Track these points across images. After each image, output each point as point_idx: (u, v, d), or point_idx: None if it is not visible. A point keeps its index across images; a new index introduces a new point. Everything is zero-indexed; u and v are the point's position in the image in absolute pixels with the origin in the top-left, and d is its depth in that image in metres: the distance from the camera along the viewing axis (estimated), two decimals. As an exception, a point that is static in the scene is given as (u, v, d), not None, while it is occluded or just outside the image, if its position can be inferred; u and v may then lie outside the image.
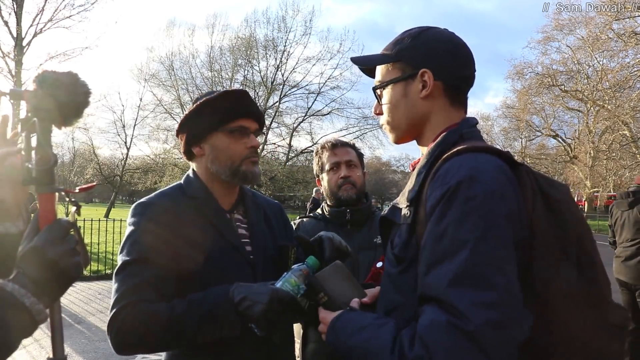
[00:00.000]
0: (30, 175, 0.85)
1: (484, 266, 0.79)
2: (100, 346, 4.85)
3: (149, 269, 1.26)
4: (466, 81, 1.09)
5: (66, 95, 0.85)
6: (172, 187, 1.48)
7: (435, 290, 0.82)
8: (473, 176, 0.85)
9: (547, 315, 0.83)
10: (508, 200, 0.85)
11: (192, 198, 1.42)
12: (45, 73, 0.85)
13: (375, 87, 1.14)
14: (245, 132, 1.42)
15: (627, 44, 22.46)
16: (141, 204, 1.39)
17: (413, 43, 1.08)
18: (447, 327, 0.77)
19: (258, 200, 1.59)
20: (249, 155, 1.42)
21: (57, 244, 0.83)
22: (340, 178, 1.99)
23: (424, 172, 0.98)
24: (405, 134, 1.12)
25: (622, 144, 25.93)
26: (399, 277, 0.98)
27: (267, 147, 28.92)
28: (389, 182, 59.00)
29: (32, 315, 0.78)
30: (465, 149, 0.92)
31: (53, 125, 0.87)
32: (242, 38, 28.27)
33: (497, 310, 0.76)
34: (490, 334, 0.75)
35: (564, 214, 0.90)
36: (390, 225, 1.07)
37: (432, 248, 0.85)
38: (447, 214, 0.84)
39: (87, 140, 29.84)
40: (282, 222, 1.62)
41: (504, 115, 35.86)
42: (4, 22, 18.02)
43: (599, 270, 0.90)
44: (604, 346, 0.86)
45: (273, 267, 1.43)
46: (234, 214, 1.48)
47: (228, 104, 1.40)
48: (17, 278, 0.79)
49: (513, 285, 0.80)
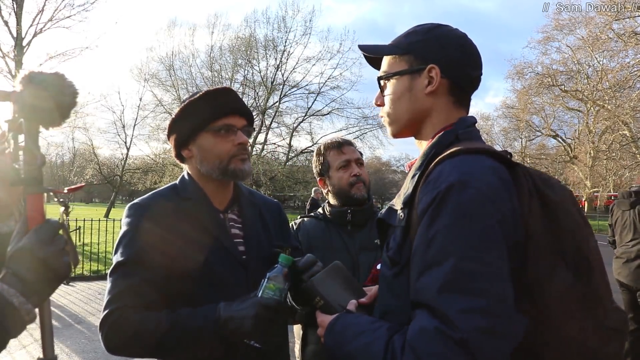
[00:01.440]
0: (18, 176, 0.85)
1: (474, 272, 0.78)
2: (100, 346, 4.78)
3: (142, 270, 1.27)
4: (472, 82, 1.08)
5: (53, 96, 0.85)
6: (166, 187, 1.49)
7: (425, 296, 0.81)
8: (464, 180, 0.84)
9: (541, 317, 0.82)
10: (500, 204, 0.84)
11: (186, 199, 1.42)
12: (32, 74, 0.85)
13: (381, 77, 1.13)
14: (231, 129, 1.40)
15: (627, 44, 22.44)
16: (135, 204, 1.40)
17: (424, 37, 1.07)
18: (435, 334, 0.76)
19: (255, 199, 1.58)
20: (237, 152, 1.40)
21: (46, 243, 0.83)
22: (352, 176, 1.96)
23: (417, 174, 0.97)
24: (404, 128, 1.11)
25: (622, 144, 25.90)
26: (394, 280, 0.97)
27: (267, 147, 28.94)
28: (389, 182, 58.99)
29: (20, 315, 0.78)
30: (458, 151, 0.91)
31: (40, 125, 0.86)
32: (242, 38, 28.26)
33: (487, 317, 0.76)
34: (479, 341, 0.75)
35: (561, 215, 0.89)
36: (387, 227, 1.06)
37: (423, 253, 0.85)
38: (436, 219, 0.84)
39: (87, 140, 29.91)
40: (278, 222, 1.60)
41: (504, 115, 35.87)
42: (4, 22, 18.00)
43: (597, 272, 0.89)
44: (599, 349, 0.85)
45: (267, 268, 1.42)
46: (228, 214, 1.47)
47: (211, 104, 1.39)
48: (6, 278, 0.79)
49: (504, 291, 0.79)
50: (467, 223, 0.81)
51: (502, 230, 0.83)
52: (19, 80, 0.85)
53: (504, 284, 0.80)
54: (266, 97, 27.88)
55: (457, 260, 0.79)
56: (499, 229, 0.82)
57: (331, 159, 2.02)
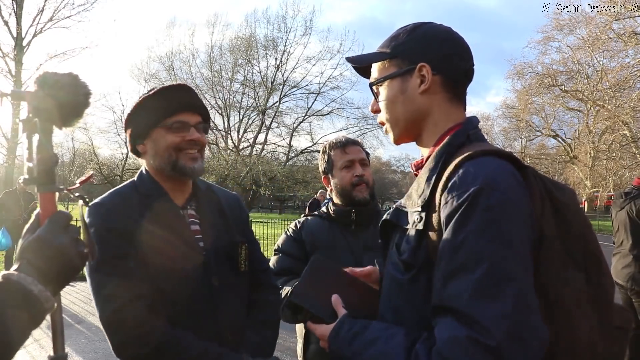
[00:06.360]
0: (31, 175, 0.86)
1: (507, 279, 0.77)
2: (100, 346, 4.84)
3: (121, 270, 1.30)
4: (465, 74, 1.07)
5: (67, 96, 0.86)
6: (125, 184, 1.50)
7: (454, 302, 0.79)
8: (490, 184, 0.83)
9: (554, 318, 0.82)
10: (523, 207, 0.84)
11: (146, 196, 1.43)
12: (46, 74, 0.86)
13: (372, 83, 1.11)
14: (184, 126, 1.41)
15: (627, 44, 22.44)
16: (94, 204, 1.41)
17: (409, 38, 1.06)
18: (468, 343, 0.75)
19: (214, 194, 1.59)
20: (185, 147, 1.41)
21: (60, 232, 0.84)
22: (354, 176, 1.95)
23: (434, 177, 0.95)
24: (404, 132, 1.10)
25: (622, 144, 25.88)
26: (409, 285, 0.95)
27: (267, 147, 28.94)
28: (389, 182, 59.01)
29: (41, 303, 0.77)
30: (476, 153, 0.90)
31: (54, 125, 0.87)
32: (242, 38, 28.32)
33: (519, 324, 0.75)
34: (512, 348, 0.74)
35: (570, 217, 0.89)
36: (393, 228, 1.05)
37: (450, 259, 0.82)
38: (466, 223, 0.82)
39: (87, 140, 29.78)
40: (238, 215, 1.61)
41: (504, 115, 35.88)
42: (4, 22, 18.01)
43: (605, 273, 0.90)
44: (606, 348, 0.86)
45: (228, 263, 1.45)
46: (187, 210, 1.48)
47: (165, 100, 1.41)
48: (22, 267, 0.79)
49: (533, 297, 0.79)
50: (496, 228, 0.80)
51: (527, 234, 0.82)
52: (34, 80, 0.86)
53: (532, 290, 0.79)
54: (266, 97, 27.90)
55: (489, 265, 0.78)
56: (525, 233, 0.82)
57: (335, 157, 2.01)
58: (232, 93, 29.09)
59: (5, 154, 18.57)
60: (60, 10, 19.29)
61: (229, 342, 1.40)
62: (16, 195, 8.69)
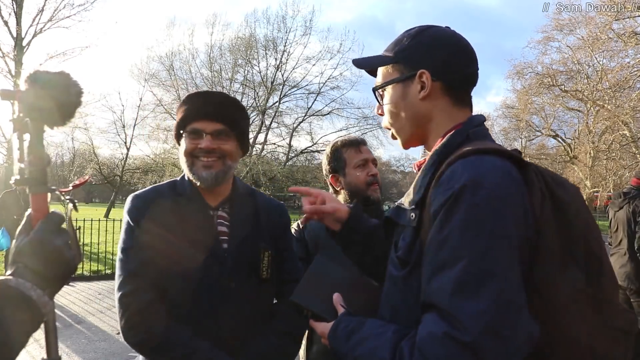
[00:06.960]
0: (23, 175, 0.85)
1: (487, 275, 0.78)
2: (100, 346, 4.83)
3: (140, 257, 1.39)
4: (468, 79, 1.07)
5: (59, 95, 0.85)
6: (166, 183, 1.56)
7: (436, 298, 0.81)
8: (477, 181, 0.83)
9: (550, 318, 0.82)
10: (513, 205, 0.84)
11: (180, 195, 1.49)
12: (37, 73, 0.85)
13: (375, 87, 1.13)
14: (198, 134, 1.44)
15: (627, 44, 22.42)
16: (132, 195, 1.51)
17: (411, 43, 1.07)
18: (444, 339, 0.76)
19: (254, 199, 1.60)
20: (199, 154, 1.45)
21: (57, 234, 0.83)
22: (369, 175, 1.95)
23: (429, 175, 0.96)
24: (411, 136, 1.11)
25: (622, 144, 25.86)
26: (403, 281, 0.96)
27: (266, 147, 28.93)
28: (389, 182, 59.04)
29: (39, 309, 0.77)
30: (469, 151, 0.90)
31: (46, 125, 0.86)
32: (242, 38, 28.26)
33: (498, 320, 0.75)
34: (489, 345, 0.74)
35: (572, 216, 0.88)
36: (394, 226, 1.06)
37: (434, 255, 0.84)
38: (450, 220, 0.83)
39: (87, 140, 29.83)
40: (275, 223, 1.61)
41: (503, 115, 35.84)
42: (4, 22, 18.02)
43: (607, 273, 0.89)
44: (607, 350, 0.85)
45: (248, 267, 1.46)
46: (219, 211, 1.51)
47: (187, 107, 1.46)
48: (19, 272, 0.77)
49: (515, 294, 0.79)
50: (479, 225, 0.81)
51: (515, 232, 0.82)
52: (24, 79, 0.84)
53: (515, 287, 0.79)
54: (266, 97, 27.89)
55: (470, 262, 0.79)
56: (511, 231, 0.82)
57: (348, 156, 1.98)
58: (232, 93, 29.06)
59: (5, 154, 18.59)
60: (60, 10, 19.34)
61: (226, 347, 1.38)
62: (16, 195, 8.68)
